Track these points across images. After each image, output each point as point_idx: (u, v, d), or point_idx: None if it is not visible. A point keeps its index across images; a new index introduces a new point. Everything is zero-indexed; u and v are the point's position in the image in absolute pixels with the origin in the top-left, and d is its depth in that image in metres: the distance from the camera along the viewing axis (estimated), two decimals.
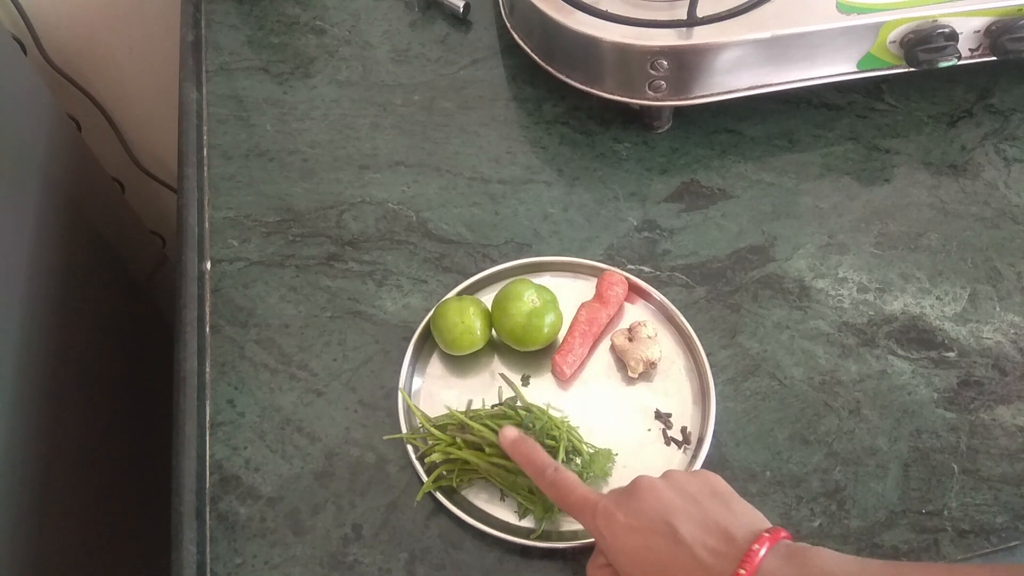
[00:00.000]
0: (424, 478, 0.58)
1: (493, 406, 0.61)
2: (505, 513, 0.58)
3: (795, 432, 0.61)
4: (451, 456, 0.58)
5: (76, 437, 0.80)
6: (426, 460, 0.58)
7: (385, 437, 0.61)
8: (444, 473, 0.58)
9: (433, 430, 0.59)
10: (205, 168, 0.76)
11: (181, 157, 0.76)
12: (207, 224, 0.72)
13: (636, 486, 0.50)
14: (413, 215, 0.73)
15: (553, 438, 0.58)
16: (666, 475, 0.50)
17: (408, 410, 0.61)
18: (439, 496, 0.57)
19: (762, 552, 0.45)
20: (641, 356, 0.62)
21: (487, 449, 0.57)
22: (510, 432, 0.56)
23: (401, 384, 0.62)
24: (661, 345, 0.63)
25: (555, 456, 0.57)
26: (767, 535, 0.45)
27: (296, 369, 0.64)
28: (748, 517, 0.48)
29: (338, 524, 0.58)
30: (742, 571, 0.44)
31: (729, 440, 0.60)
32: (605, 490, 0.58)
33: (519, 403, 0.61)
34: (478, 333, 0.62)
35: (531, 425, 0.58)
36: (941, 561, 0.55)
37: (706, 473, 0.51)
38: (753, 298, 0.67)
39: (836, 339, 0.65)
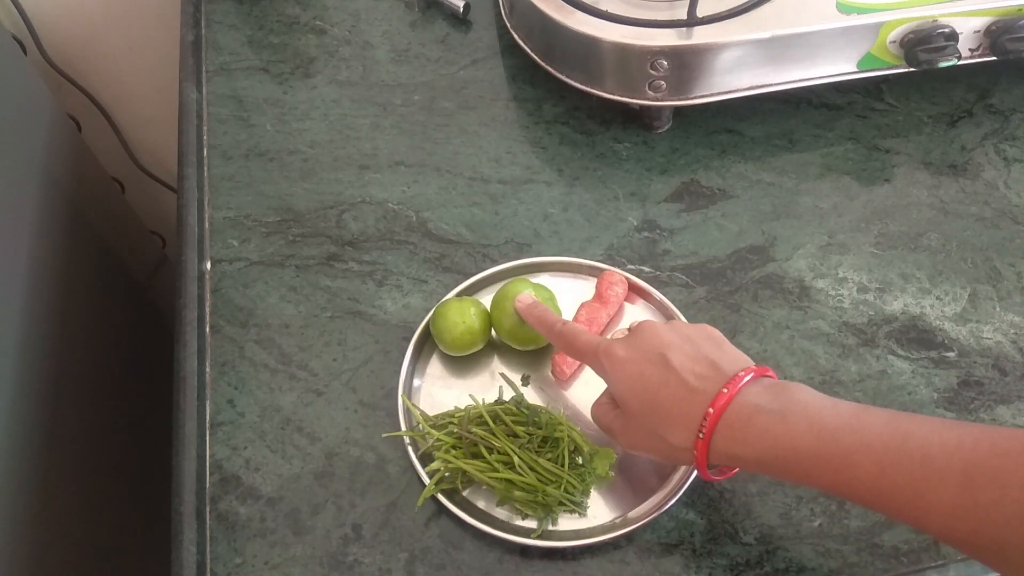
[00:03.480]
0: (424, 478, 0.58)
1: (495, 402, 0.61)
2: (505, 513, 0.58)
3: None
4: (450, 466, 0.58)
5: (76, 437, 0.80)
6: (426, 469, 0.58)
7: (384, 435, 0.61)
8: (446, 475, 0.58)
9: (432, 430, 0.59)
10: (205, 168, 0.76)
11: (181, 157, 0.76)
12: (207, 224, 0.72)
13: (638, 327, 0.54)
14: (413, 215, 0.73)
15: (556, 439, 0.58)
16: (669, 322, 0.56)
17: (408, 409, 0.61)
18: (439, 497, 0.57)
19: (746, 379, 0.49)
20: None
21: (487, 452, 0.57)
22: (525, 298, 0.61)
23: (401, 384, 0.62)
24: None
25: (556, 455, 0.57)
26: (753, 367, 0.50)
27: (296, 369, 0.64)
28: (736, 355, 0.52)
29: (338, 524, 0.58)
30: (724, 390, 0.48)
31: None
32: (607, 490, 0.58)
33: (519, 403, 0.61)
34: (478, 333, 0.62)
35: (535, 421, 0.58)
36: (940, 561, 0.55)
37: (705, 325, 0.55)
38: (753, 298, 0.67)
39: (836, 339, 0.65)
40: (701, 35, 0.68)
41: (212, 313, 0.67)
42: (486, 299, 0.65)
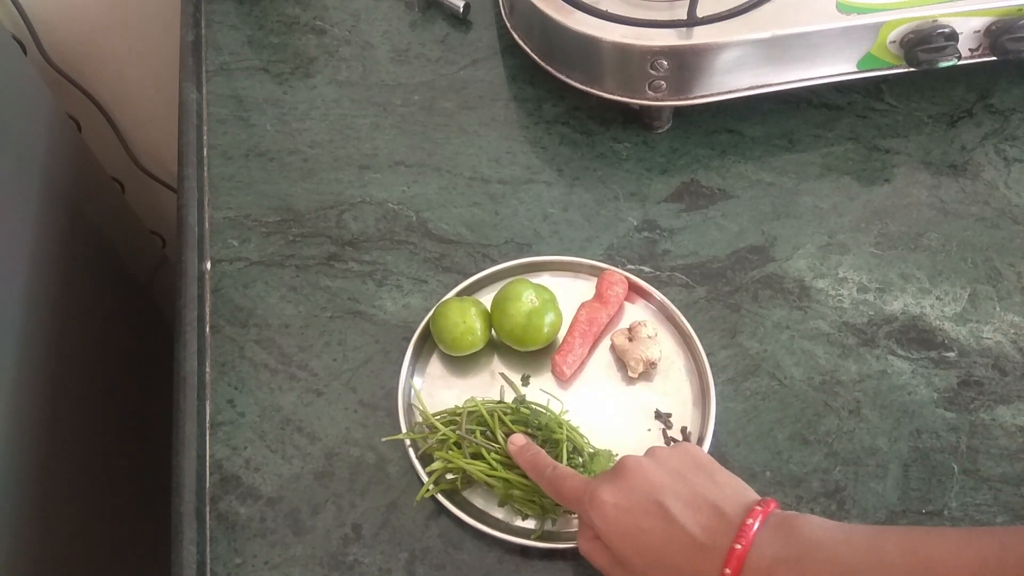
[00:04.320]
0: (424, 479, 0.58)
1: (497, 402, 0.61)
2: (505, 513, 0.58)
3: (795, 432, 0.61)
4: (451, 466, 0.58)
5: (76, 437, 0.80)
6: (427, 469, 0.58)
7: (384, 439, 0.61)
8: (446, 476, 0.58)
9: (438, 424, 0.59)
10: (205, 168, 0.76)
11: (181, 157, 0.76)
12: (207, 224, 0.72)
13: (622, 467, 0.50)
14: (413, 215, 0.73)
15: (555, 440, 0.58)
16: (650, 452, 0.52)
17: (408, 409, 0.61)
18: (439, 497, 0.57)
19: (756, 526, 0.45)
20: (641, 356, 0.62)
21: (487, 453, 0.57)
22: (518, 439, 0.57)
23: (401, 384, 0.62)
24: (661, 345, 0.63)
25: (558, 455, 0.57)
26: (759, 508, 0.46)
27: (296, 369, 0.64)
28: (734, 488, 0.49)
29: (338, 524, 0.58)
30: (738, 546, 0.45)
31: (729, 440, 0.60)
32: None
33: (522, 402, 0.61)
34: (478, 333, 0.62)
35: (535, 421, 0.58)
36: None
37: (687, 445, 0.52)
38: (753, 298, 0.67)
39: (836, 339, 0.65)
40: (701, 35, 0.68)
41: (212, 313, 0.67)
42: (486, 299, 0.65)
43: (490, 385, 0.63)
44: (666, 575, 0.47)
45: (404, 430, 0.60)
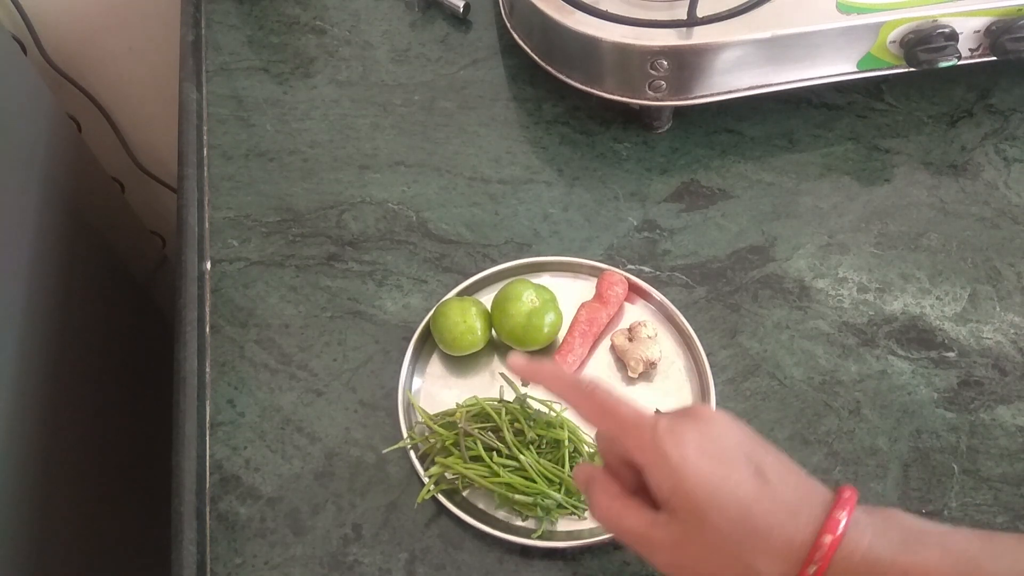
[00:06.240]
0: (424, 478, 0.58)
1: (500, 400, 0.61)
2: (505, 513, 0.58)
3: (795, 432, 0.61)
4: (452, 471, 0.58)
5: (76, 437, 0.80)
6: (427, 472, 0.58)
7: (385, 451, 0.60)
8: (446, 476, 0.58)
9: (439, 429, 0.59)
10: (205, 168, 0.76)
11: (181, 157, 0.76)
12: (207, 224, 0.72)
13: (698, 413, 0.43)
14: (413, 215, 0.73)
15: (557, 441, 0.58)
16: (720, 411, 0.45)
17: (408, 409, 0.61)
18: (439, 497, 0.57)
19: (853, 500, 0.40)
20: (641, 356, 0.62)
21: (487, 454, 0.57)
22: (518, 357, 0.48)
23: (401, 384, 0.62)
24: (661, 345, 0.63)
25: (559, 455, 0.57)
26: (851, 487, 0.41)
27: (296, 369, 0.64)
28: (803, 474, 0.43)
29: (338, 524, 0.58)
30: (839, 516, 0.39)
31: None
32: None
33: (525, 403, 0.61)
34: (478, 333, 0.62)
35: (536, 421, 0.58)
36: None
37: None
38: (753, 298, 0.67)
39: (836, 339, 0.65)
40: (701, 35, 0.68)
41: (212, 313, 0.67)
42: (486, 299, 0.65)
43: (490, 385, 0.63)
44: (752, 539, 0.40)
45: (404, 430, 0.60)
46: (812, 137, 0.76)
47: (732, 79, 0.71)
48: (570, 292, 0.66)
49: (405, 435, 0.60)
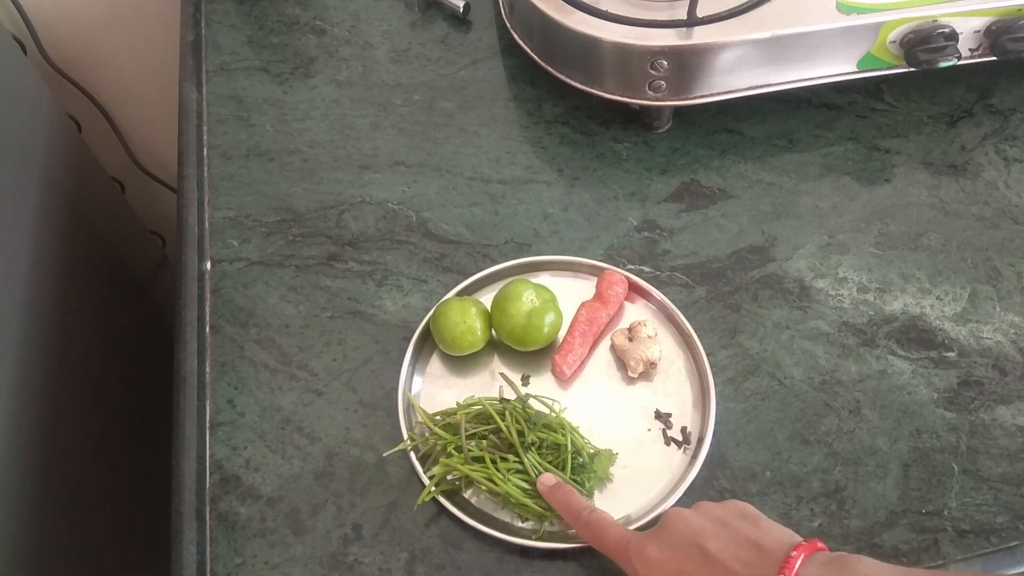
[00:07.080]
0: (424, 479, 0.58)
1: (501, 400, 0.61)
2: (505, 513, 0.58)
3: (795, 432, 0.61)
4: (453, 472, 0.58)
5: (76, 437, 0.80)
6: (427, 473, 0.58)
7: (386, 453, 0.60)
8: (446, 478, 0.58)
9: (439, 431, 0.59)
10: (205, 168, 0.76)
11: (181, 157, 0.76)
12: (207, 224, 0.72)
13: (666, 518, 0.50)
14: (413, 215, 0.73)
15: (557, 443, 0.58)
16: (696, 506, 0.51)
17: (408, 409, 0.61)
18: (440, 497, 0.57)
19: (800, 559, 0.44)
20: (641, 356, 0.62)
21: (488, 458, 0.57)
22: (548, 479, 0.56)
23: (401, 384, 0.62)
24: (661, 345, 0.63)
25: (560, 455, 0.57)
26: (804, 544, 0.45)
27: (296, 369, 0.64)
28: (778, 532, 0.48)
29: (338, 524, 0.58)
30: None
31: (729, 440, 0.60)
32: (607, 490, 0.58)
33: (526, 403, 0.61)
34: (478, 333, 0.62)
35: (536, 422, 0.58)
36: (940, 560, 0.55)
37: (734, 501, 0.51)
38: (753, 298, 0.67)
39: (836, 339, 0.65)
40: (701, 35, 0.68)
41: (212, 313, 0.67)
42: (486, 299, 0.65)
43: (490, 385, 0.63)
44: None
45: (404, 430, 0.60)
46: (812, 137, 0.76)
47: (732, 79, 0.71)
48: (570, 292, 0.66)
49: (405, 435, 0.60)
